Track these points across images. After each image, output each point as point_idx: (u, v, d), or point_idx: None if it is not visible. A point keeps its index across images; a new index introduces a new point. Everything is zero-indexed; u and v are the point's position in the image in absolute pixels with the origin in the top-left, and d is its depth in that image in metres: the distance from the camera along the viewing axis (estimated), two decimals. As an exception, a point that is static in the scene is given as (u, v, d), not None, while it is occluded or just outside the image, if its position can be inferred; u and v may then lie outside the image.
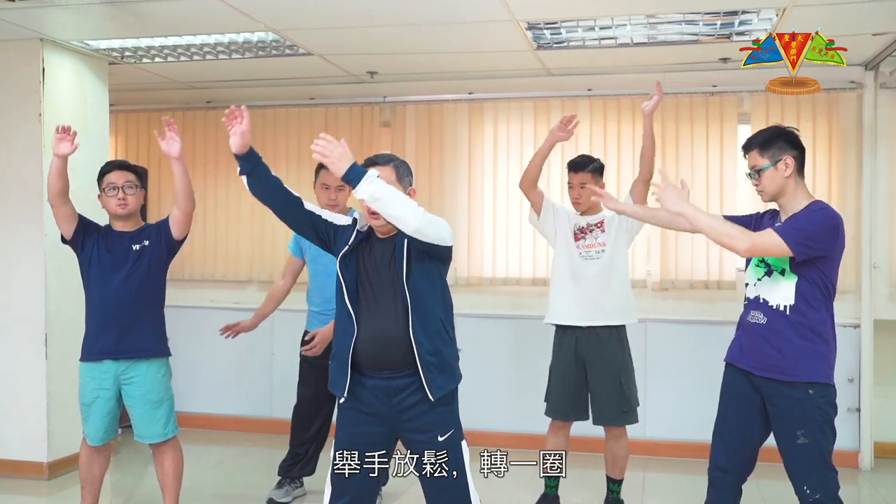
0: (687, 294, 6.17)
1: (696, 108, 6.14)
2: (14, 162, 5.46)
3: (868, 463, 5.82)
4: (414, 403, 3.17)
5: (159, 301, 4.27)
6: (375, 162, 3.23)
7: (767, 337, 3.41)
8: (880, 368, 5.91)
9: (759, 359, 3.44)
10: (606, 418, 4.61)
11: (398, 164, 3.26)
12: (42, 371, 5.40)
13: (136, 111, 7.13)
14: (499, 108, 6.48)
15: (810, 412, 3.35)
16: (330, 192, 4.80)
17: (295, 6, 4.69)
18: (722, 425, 3.62)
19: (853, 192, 5.94)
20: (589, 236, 4.66)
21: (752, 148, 3.48)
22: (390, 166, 3.23)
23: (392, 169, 3.22)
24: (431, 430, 3.15)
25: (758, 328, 3.45)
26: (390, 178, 3.17)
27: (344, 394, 3.19)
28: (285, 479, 5.02)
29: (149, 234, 4.21)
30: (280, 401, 6.37)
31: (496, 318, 6.37)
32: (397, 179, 3.21)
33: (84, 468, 4.30)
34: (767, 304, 3.43)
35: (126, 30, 5.16)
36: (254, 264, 6.89)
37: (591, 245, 4.65)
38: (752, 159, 3.48)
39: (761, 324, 3.44)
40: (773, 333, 3.40)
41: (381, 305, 3.17)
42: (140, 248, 4.15)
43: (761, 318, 3.44)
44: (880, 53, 5.52)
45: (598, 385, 4.59)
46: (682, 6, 4.66)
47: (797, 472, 3.39)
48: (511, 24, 4.96)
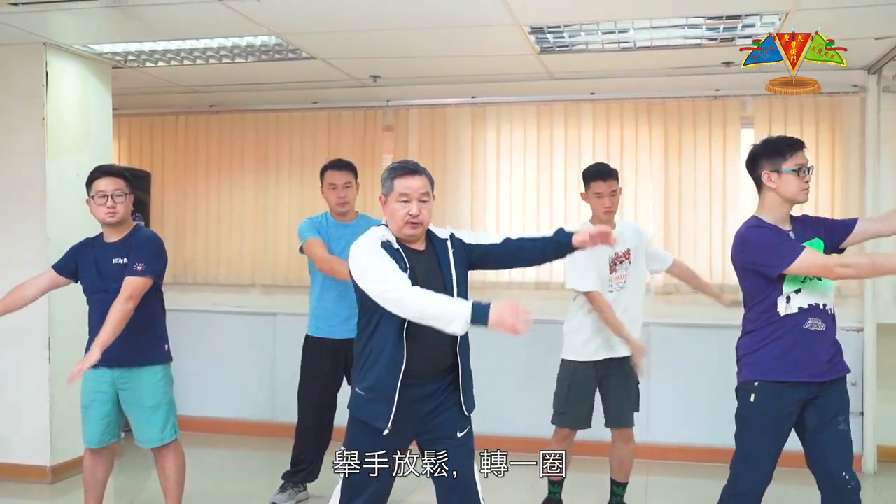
0: (691, 298, 6.14)
1: (699, 112, 6.14)
2: (17, 166, 5.46)
3: (871, 466, 5.82)
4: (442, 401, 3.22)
5: (154, 309, 4.22)
6: (415, 171, 3.21)
7: (830, 340, 3.47)
8: (883, 372, 5.90)
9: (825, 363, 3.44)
10: (623, 420, 4.62)
11: (430, 175, 3.27)
12: (45, 375, 5.40)
13: (139, 115, 7.13)
14: (502, 112, 6.49)
15: (847, 400, 3.48)
16: (338, 191, 4.82)
17: (298, 10, 4.69)
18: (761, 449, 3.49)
19: (856, 195, 5.93)
20: (619, 267, 4.60)
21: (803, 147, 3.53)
22: (425, 177, 3.23)
23: (427, 179, 3.23)
24: (451, 427, 3.20)
25: (819, 335, 3.43)
26: (427, 187, 3.20)
27: (388, 426, 3.14)
28: (288, 484, 5.02)
29: (127, 252, 4.11)
30: (282, 404, 6.37)
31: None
32: (431, 189, 3.23)
33: (87, 472, 4.29)
34: (824, 309, 3.44)
35: (129, 33, 5.16)
36: (256, 268, 6.88)
37: (619, 277, 4.59)
38: (803, 158, 3.50)
39: (822, 330, 3.43)
40: (831, 336, 3.48)
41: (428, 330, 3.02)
42: (122, 263, 4.09)
43: (820, 324, 3.43)
44: (883, 57, 5.52)
45: (617, 388, 4.58)
46: (685, 10, 4.65)
47: (838, 458, 3.40)
48: (514, 28, 4.96)
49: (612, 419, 4.63)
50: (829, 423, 3.39)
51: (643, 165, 6.23)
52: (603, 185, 4.53)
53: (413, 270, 3.12)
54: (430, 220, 3.22)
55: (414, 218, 3.14)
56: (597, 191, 4.55)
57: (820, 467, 3.41)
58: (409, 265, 3.13)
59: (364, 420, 3.19)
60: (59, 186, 5.43)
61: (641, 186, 6.24)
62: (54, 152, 5.43)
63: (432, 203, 3.22)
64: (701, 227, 6.12)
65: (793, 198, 3.50)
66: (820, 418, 3.42)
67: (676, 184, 6.17)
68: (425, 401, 3.20)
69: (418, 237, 3.22)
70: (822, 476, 3.41)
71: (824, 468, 3.40)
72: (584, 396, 4.61)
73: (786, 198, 3.50)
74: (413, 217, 3.14)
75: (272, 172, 6.87)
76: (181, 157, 7.08)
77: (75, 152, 5.57)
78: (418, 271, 3.14)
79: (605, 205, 4.53)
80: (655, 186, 6.23)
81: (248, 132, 6.94)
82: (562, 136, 6.34)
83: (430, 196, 3.20)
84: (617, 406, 4.60)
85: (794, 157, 3.48)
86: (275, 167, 6.87)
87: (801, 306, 3.41)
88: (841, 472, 3.36)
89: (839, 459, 3.38)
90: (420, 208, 3.14)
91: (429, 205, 3.18)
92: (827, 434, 3.40)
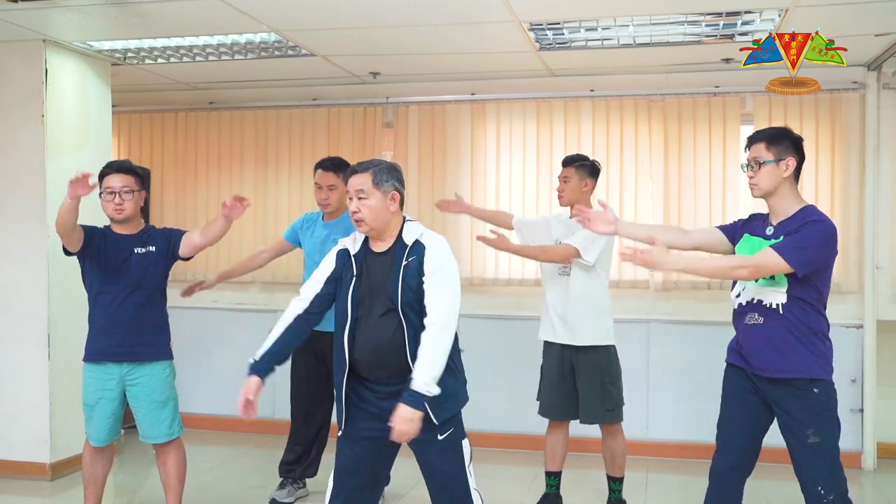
0: (689, 295, 6.16)
1: (699, 109, 6.14)
2: (17, 163, 5.46)
3: (871, 464, 5.82)
4: None
5: (161, 304, 4.26)
6: (356, 171, 3.25)
7: (767, 336, 3.42)
8: (883, 369, 5.90)
9: (760, 359, 3.44)
10: (592, 417, 4.61)
11: (377, 170, 3.24)
12: (45, 372, 5.40)
13: (138, 112, 7.14)
14: (501, 109, 6.48)
15: (818, 408, 3.37)
16: (322, 192, 4.85)
17: (297, 7, 4.69)
18: (723, 426, 3.63)
19: (856, 192, 5.94)
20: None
21: (760, 140, 3.48)
22: (368, 173, 3.23)
23: (369, 175, 3.22)
24: (431, 430, 3.14)
25: (755, 329, 3.46)
26: (366, 184, 3.20)
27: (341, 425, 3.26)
28: (287, 480, 5.03)
29: (156, 240, 4.19)
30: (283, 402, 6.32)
31: (497, 319, 6.37)
32: (374, 185, 3.20)
33: (87, 469, 4.29)
34: (762, 304, 3.43)
35: (129, 31, 5.16)
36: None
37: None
38: (755, 151, 3.48)
39: (759, 324, 3.44)
40: (771, 333, 3.41)
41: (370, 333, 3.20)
42: (145, 251, 4.14)
43: (758, 318, 3.45)
44: (883, 54, 5.52)
45: (583, 385, 4.59)
46: (684, 7, 4.65)
47: (810, 473, 3.38)
48: (513, 25, 4.96)
49: (584, 416, 4.63)
50: (798, 437, 3.38)
51: (643, 162, 6.23)
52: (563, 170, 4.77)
53: (366, 272, 3.23)
54: (375, 217, 3.19)
55: (353, 214, 3.22)
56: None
57: (799, 479, 3.44)
58: (362, 268, 3.23)
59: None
60: (59, 183, 5.40)
61: (641, 184, 6.23)
62: (54, 149, 5.43)
63: (378, 199, 3.18)
64: (700, 224, 6.09)
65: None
66: (789, 430, 3.41)
67: (676, 180, 6.17)
68: (387, 400, 3.15)
69: (370, 234, 3.25)
70: (802, 488, 3.44)
71: (802, 482, 3.42)
72: (550, 382, 4.66)
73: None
74: (353, 214, 3.22)
75: (272, 169, 6.87)
76: (181, 154, 7.08)
77: (75, 149, 5.57)
78: (370, 274, 3.22)
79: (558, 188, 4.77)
80: (655, 183, 6.22)
81: (247, 129, 6.94)
82: (561, 133, 6.34)
83: (369, 192, 3.18)
84: (585, 405, 4.59)
85: (749, 151, 3.52)
86: (274, 164, 6.87)
87: (740, 302, 3.54)
88: (816, 486, 3.35)
89: (812, 475, 3.37)
90: (358, 206, 3.21)
91: (368, 202, 3.18)
92: (798, 448, 3.39)
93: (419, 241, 3.21)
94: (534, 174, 6.38)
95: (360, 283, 3.21)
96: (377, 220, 3.20)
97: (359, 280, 3.21)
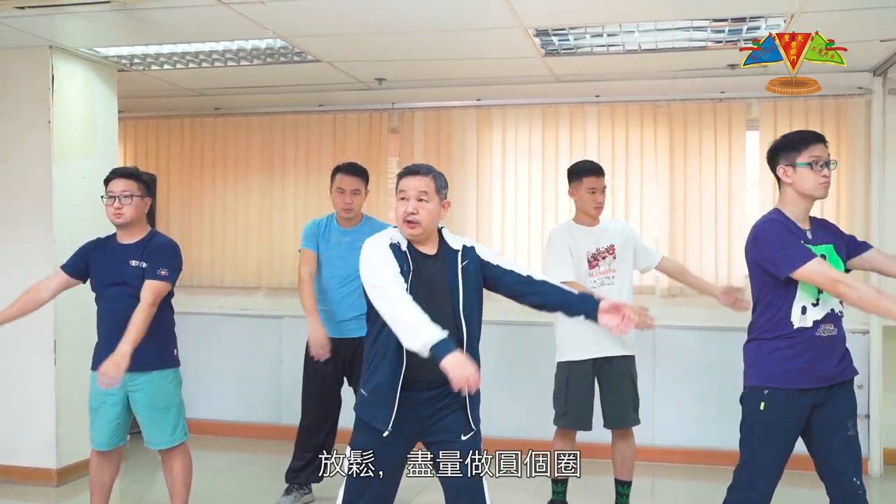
0: (696, 300, 6.12)
1: (704, 115, 6.14)
2: (23, 168, 5.47)
3: (878, 470, 5.79)
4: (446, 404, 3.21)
5: (164, 313, 4.20)
6: (417, 172, 3.23)
7: (840, 342, 3.42)
8: (889, 375, 5.88)
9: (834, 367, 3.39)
10: (621, 422, 4.61)
11: (437, 175, 3.26)
12: (51, 378, 5.41)
13: (144, 118, 7.15)
14: (507, 115, 6.49)
15: (854, 403, 3.44)
16: (345, 196, 4.83)
17: (303, 13, 4.70)
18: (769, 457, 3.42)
19: (861, 198, 5.92)
20: (602, 263, 4.62)
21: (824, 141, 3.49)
22: (430, 177, 3.23)
23: (431, 179, 3.22)
24: (455, 430, 3.18)
25: (831, 340, 3.38)
26: (430, 187, 3.19)
27: (388, 428, 3.15)
28: (293, 486, 5.02)
29: (147, 256, 4.12)
30: (289, 407, 6.38)
31: (503, 325, 6.35)
32: (436, 190, 3.21)
33: (94, 474, 4.29)
34: (834, 313, 3.38)
35: (135, 37, 5.18)
36: (262, 270, 6.89)
37: (605, 272, 4.62)
38: (820, 151, 3.46)
39: (834, 335, 3.38)
40: (842, 337, 3.42)
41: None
42: (137, 264, 4.10)
43: (832, 329, 3.38)
44: (888, 59, 5.51)
45: (615, 391, 4.59)
46: (689, 13, 4.66)
47: (848, 464, 3.35)
48: (519, 31, 4.97)
49: (611, 420, 4.63)
50: (837, 429, 3.35)
51: (648, 168, 6.22)
52: (596, 181, 4.64)
53: (419, 273, 3.14)
54: (430, 221, 3.19)
55: (409, 215, 3.15)
56: (590, 186, 4.63)
57: (829, 473, 3.37)
58: (415, 267, 3.15)
59: (367, 421, 3.22)
60: (65, 189, 5.44)
61: (647, 189, 6.23)
62: (60, 155, 5.45)
63: (436, 205, 3.19)
64: (706, 230, 6.10)
65: (810, 192, 3.43)
66: (828, 423, 3.37)
67: (681, 186, 6.16)
68: (428, 404, 3.20)
69: (418, 237, 3.21)
70: (832, 482, 3.37)
71: (834, 474, 3.35)
72: (583, 396, 4.63)
73: (802, 193, 3.44)
74: (408, 214, 3.15)
75: (277, 175, 6.88)
76: (187, 160, 7.09)
77: (81, 155, 5.59)
78: (425, 274, 3.16)
79: (597, 200, 4.63)
80: (660, 189, 6.22)
81: (253, 135, 6.94)
82: (567, 139, 6.34)
83: (431, 196, 3.18)
84: (614, 407, 4.61)
85: (809, 149, 3.41)
86: (280, 170, 6.88)
87: (815, 319, 3.34)
88: (852, 477, 3.32)
89: (849, 465, 3.34)
90: (416, 207, 3.15)
91: (428, 205, 3.16)
92: (836, 440, 3.35)
93: (466, 245, 3.27)
94: (539, 180, 6.37)
95: (416, 281, 3.14)
96: (432, 223, 3.21)
97: (414, 276, 3.15)
